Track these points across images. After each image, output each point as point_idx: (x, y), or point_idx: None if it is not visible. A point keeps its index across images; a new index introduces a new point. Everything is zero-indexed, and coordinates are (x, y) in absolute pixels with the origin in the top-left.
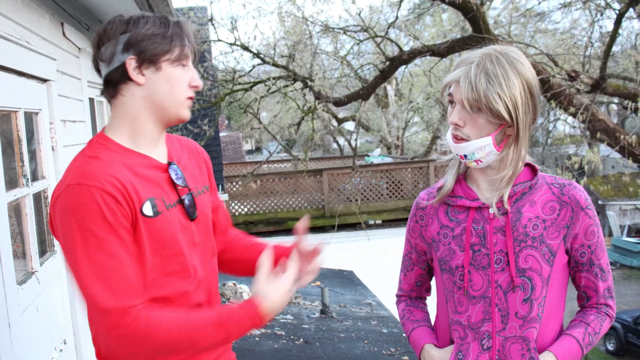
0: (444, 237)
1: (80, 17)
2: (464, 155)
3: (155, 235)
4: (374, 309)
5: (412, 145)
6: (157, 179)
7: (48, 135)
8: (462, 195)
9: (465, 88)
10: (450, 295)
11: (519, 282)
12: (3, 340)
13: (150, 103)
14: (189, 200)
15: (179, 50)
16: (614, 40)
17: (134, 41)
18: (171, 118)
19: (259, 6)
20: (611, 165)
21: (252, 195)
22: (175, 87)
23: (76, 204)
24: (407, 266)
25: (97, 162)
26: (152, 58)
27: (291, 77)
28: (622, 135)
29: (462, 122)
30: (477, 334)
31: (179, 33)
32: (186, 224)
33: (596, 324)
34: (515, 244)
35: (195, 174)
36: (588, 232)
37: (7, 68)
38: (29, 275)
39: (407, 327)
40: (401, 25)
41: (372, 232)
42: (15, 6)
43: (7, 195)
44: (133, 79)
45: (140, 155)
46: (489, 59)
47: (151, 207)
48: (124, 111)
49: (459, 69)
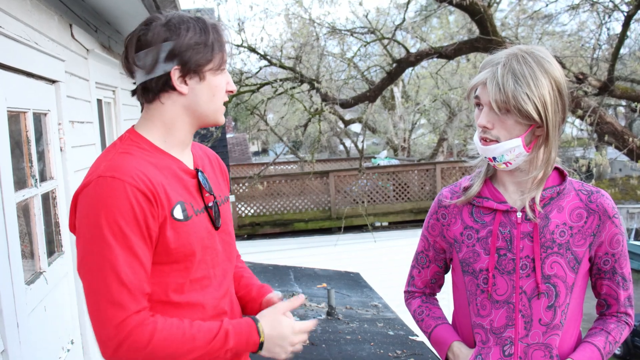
0: (468, 238)
1: (89, 18)
2: (493, 157)
3: (184, 240)
4: (380, 311)
5: (419, 148)
6: (186, 183)
7: (56, 136)
8: (489, 197)
9: (493, 90)
10: (473, 298)
11: (543, 288)
12: (11, 339)
13: (192, 111)
14: (215, 208)
15: (220, 58)
16: (622, 42)
17: (178, 51)
18: (208, 124)
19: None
20: (619, 168)
21: (259, 197)
22: (217, 95)
23: (107, 196)
24: (423, 263)
25: (130, 158)
26: (196, 68)
27: (298, 79)
28: (630, 137)
29: (490, 124)
30: (499, 339)
31: (218, 39)
32: (212, 231)
33: (616, 333)
34: (542, 250)
35: (218, 183)
36: (613, 241)
37: (16, 69)
38: (37, 275)
39: (429, 324)
40: (408, 27)
41: (379, 234)
42: (24, 7)
43: (15, 196)
44: (177, 89)
45: (171, 157)
46: (516, 59)
47: (182, 211)
48: (160, 115)
49: (484, 71)
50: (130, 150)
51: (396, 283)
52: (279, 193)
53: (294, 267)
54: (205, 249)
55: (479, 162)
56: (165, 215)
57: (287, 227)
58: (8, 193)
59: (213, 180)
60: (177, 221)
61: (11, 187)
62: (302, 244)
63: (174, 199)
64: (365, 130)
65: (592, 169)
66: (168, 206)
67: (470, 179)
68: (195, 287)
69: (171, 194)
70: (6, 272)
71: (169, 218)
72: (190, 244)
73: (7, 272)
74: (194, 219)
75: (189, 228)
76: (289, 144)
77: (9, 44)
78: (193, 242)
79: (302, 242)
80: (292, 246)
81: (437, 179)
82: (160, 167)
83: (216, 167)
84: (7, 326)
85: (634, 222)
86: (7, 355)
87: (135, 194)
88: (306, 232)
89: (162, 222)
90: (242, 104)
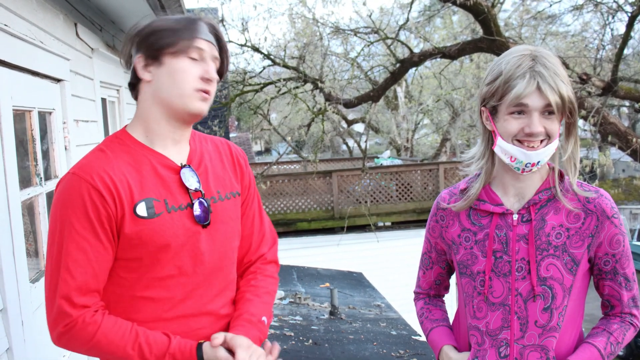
0: (465, 240)
1: (94, 17)
2: (537, 162)
3: (148, 237)
4: (383, 310)
5: (422, 148)
6: (166, 179)
7: (61, 134)
8: (486, 200)
9: (550, 92)
10: (469, 300)
11: (539, 290)
12: (16, 337)
13: (158, 99)
14: (200, 205)
15: (186, 43)
16: (625, 43)
17: (142, 39)
18: (179, 112)
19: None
20: (622, 169)
21: (262, 197)
22: (178, 79)
23: (67, 193)
24: (427, 264)
25: (101, 156)
26: (154, 53)
27: (301, 79)
28: (634, 138)
29: (543, 128)
30: (494, 341)
31: (188, 27)
32: (193, 229)
33: (619, 334)
34: (537, 253)
35: (223, 178)
36: (613, 241)
37: (21, 68)
38: (42, 273)
39: (426, 326)
40: (411, 27)
41: (382, 234)
42: (30, 6)
43: (21, 194)
44: (140, 76)
45: (153, 152)
46: (540, 61)
47: (146, 209)
48: (139, 110)
49: (525, 79)
50: (107, 148)
51: (399, 283)
52: (282, 193)
53: (297, 267)
54: (181, 247)
55: (475, 169)
56: (123, 212)
57: (290, 227)
58: (13, 191)
59: (216, 174)
60: (140, 218)
61: (16, 185)
62: (305, 244)
63: (140, 195)
64: (368, 130)
65: (596, 170)
66: (129, 203)
67: (467, 181)
68: (169, 284)
69: (137, 190)
70: (11, 270)
71: (129, 215)
72: (156, 240)
73: (12, 270)
74: (164, 216)
75: (156, 225)
76: (292, 144)
77: (14, 43)
78: (161, 239)
79: (305, 242)
80: (295, 246)
81: (440, 179)
82: (136, 163)
83: (227, 161)
84: (12, 324)
85: (637, 222)
86: (11, 352)
87: (90, 191)
88: (309, 232)
89: (120, 218)
90: (245, 104)
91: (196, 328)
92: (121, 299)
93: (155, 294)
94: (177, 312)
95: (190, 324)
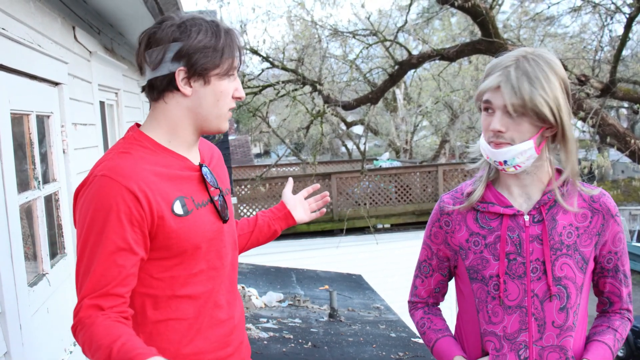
0: (475, 244)
1: (92, 20)
2: (504, 161)
3: (184, 234)
4: (382, 313)
5: (421, 149)
6: (188, 178)
7: (59, 138)
8: (494, 202)
9: (509, 93)
10: (483, 305)
11: (555, 290)
12: (14, 341)
13: (194, 114)
14: (220, 200)
15: (229, 64)
16: (624, 44)
17: (185, 52)
18: (211, 129)
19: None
20: (621, 170)
21: (261, 199)
22: (221, 101)
23: (100, 195)
24: (426, 272)
25: (128, 158)
26: (202, 72)
27: (300, 81)
28: (632, 139)
29: (504, 127)
30: (513, 345)
31: (229, 44)
32: (217, 223)
33: (622, 330)
34: (552, 253)
35: (220, 175)
36: (616, 239)
37: (19, 71)
38: (40, 277)
39: (430, 337)
40: (410, 29)
41: (381, 236)
42: (27, 10)
43: (18, 198)
44: (180, 89)
45: (174, 154)
46: (526, 61)
47: (181, 206)
48: (164, 115)
49: (495, 75)
50: (131, 150)
51: (398, 285)
52: (281, 195)
53: (296, 269)
54: (210, 241)
55: (481, 165)
56: (159, 214)
57: (289, 229)
58: (11, 195)
59: (217, 173)
60: (177, 216)
61: (14, 189)
62: (304, 246)
63: (173, 195)
64: (367, 132)
65: (595, 171)
66: (166, 204)
67: (472, 184)
68: (202, 279)
69: (169, 191)
70: (9, 274)
71: (168, 214)
72: (192, 237)
73: (10, 274)
74: (195, 213)
75: (190, 222)
76: (291, 146)
77: (12, 47)
78: (195, 236)
79: (304, 244)
80: (294, 248)
81: (439, 181)
82: (162, 165)
83: (218, 159)
84: (10, 328)
85: (636, 223)
86: (10, 357)
87: (124, 194)
88: (308, 234)
89: (158, 220)
90: (244, 106)
91: (225, 319)
92: (158, 301)
93: (193, 290)
94: (211, 305)
95: (219, 315)
